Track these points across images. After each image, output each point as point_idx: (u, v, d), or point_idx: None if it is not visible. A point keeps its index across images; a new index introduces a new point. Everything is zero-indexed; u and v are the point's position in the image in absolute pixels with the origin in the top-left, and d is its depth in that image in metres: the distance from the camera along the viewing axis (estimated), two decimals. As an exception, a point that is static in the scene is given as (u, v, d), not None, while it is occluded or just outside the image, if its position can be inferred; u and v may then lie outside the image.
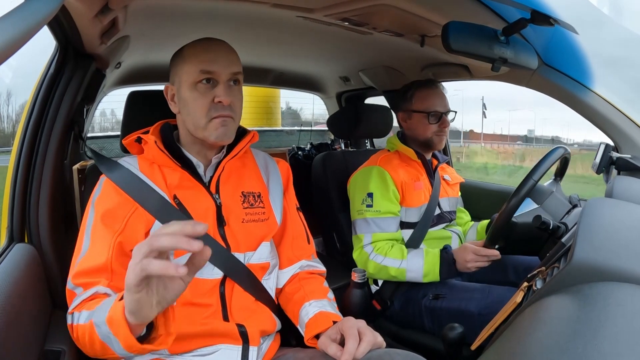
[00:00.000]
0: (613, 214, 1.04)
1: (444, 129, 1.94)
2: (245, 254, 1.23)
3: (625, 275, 0.75)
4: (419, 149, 2.00)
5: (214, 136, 1.18)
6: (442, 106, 1.94)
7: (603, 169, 1.68)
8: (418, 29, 1.75)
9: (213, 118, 1.17)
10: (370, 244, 1.83)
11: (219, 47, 1.21)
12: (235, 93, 1.21)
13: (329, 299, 1.30)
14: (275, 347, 1.28)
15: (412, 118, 1.98)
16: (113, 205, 1.15)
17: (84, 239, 1.13)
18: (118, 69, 2.08)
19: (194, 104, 1.18)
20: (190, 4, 1.52)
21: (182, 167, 1.21)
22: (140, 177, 1.19)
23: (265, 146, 4.62)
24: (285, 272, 1.37)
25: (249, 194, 1.29)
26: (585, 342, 0.58)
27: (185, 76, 1.19)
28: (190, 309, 1.14)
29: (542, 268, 1.07)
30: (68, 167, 1.53)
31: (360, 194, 1.91)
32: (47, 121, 1.35)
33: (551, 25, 1.33)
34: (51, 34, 1.30)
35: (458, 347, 1.37)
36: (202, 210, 1.20)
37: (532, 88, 1.83)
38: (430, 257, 1.74)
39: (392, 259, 1.77)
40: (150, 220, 1.15)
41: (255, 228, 1.27)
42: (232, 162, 1.28)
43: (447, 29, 1.32)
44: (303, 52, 2.47)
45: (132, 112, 1.50)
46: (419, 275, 1.74)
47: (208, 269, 1.16)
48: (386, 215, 1.84)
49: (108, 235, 1.11)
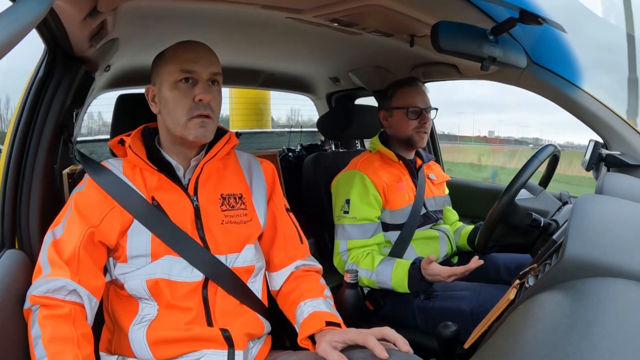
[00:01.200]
0: (603, 210, 1.04)
1: (425, 125, 1.93)
2: (227, 257, 1.23)
3: (616, 271, 0.76)
4: (401, 149, 2.00)
5: (193, 135, 1.20)
6: (422, 102, 1.94)
7: (593, 165, 1.69)
8: (407, 29, 1.75)
9: (193, 117, 1.19)
10: (345, 251, 1.85)
11: (200, 48, 1.24)
12: (215, 93, 1.23)
13: (324, 297, 1.30)
14: (266, 350, 1.27)
15: (393, 116, 1.98)
16: (92, 201, 1.17)
17: (58, 225, 1.15)
18: (107, 72, 2.07)
19: (174, 103, 1.20)
20: (179, 6, 1.51)
21: (160, 170, 1.23)
22: (122, 179, 1.21)
23: (255, 148, 4.61)
24: (281, 274, 1.37)
25: (229, 196, 1.29)
26: (578, 337, 0.58)
27: (167, 76, 1.21)
28: (172, 313, 1.15)
29: (534, 265, 1.08)
30: (58, 171, 1.52)
31: (340, 200, 1.91)
32: (36, 125, 1.34)
33: (540, 24, 1.34)
34: (40, 37, 1.29)
35: (452, 345, 1.38)
36: (179, 212, 1.21)
37: (521, 87, 1.84)
38: (399, 271, 1.72)
39: (364, 269, 1.78)
40: (127, 220, 1.16)
41: (236, 230, 1.26)
42: (212, 163, 1.29)
43: (436, 28, 1.33)
44: (293, 53, 2.46)
45: (121, 115, 1.50)
46: (389, 286, 1.74)
47: (187, 270, 1.17)
48: (362, 222, 1.83)
49: (81, 225, 1.13)
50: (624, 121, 1.68)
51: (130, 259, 1.16)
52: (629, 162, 1.63)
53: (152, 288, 1.14)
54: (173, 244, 1.16)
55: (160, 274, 1.14)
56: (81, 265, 1.10)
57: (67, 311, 1.05)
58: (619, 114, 1.68)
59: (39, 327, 1.01)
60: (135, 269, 1.15)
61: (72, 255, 1.09)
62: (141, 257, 1.15)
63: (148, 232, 1.16)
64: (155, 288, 1.14)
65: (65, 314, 1.04)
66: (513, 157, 12.35)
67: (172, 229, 1.18)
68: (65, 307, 1.05)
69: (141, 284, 1.14)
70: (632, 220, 1.00)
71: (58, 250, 1.10)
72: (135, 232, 1.16)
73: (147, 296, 1.15)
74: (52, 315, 1.03)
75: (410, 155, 2.04)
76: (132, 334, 1.14)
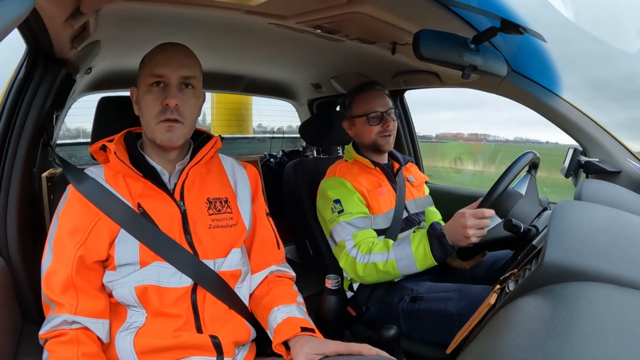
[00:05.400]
0: (582, 216, 1.06)
1: (387, 128, 1.91)
2: (214, 261, 1.22)
3: (595, 275, 0.77)
4: (372, 155, 1.99)
5: (159, 139, 1.20)
6: (381, 106, 1.92)
7: (572, 172, 1.72)
8: (389, 36, 1.77)
9: (160, 121, 1.18)
10: (353, 246, 1.76)
11: (173, 50, 1.23)
12: (187, 97, 1.22)
13: (297, 304, 1.29)
14: (251, 357, 1.27)
15: (355, 124, 1.97)
16: (76, 216, 1.15)
17: (46, 249, 1.13)
18: (89, 75, 2.04)
19: (146, 107, 1.20)
20: (162, 10, 1.50)
21: (145, 176, 1.21)
22: (105, 187, 1.18)
23: (237, 153, 4.58)
24: (255, 278, 1.36)
25: (215, 200, 1.29)
26: (558, 341, 0.59)
27: (142, 79, 1.22)
28: (161, 321, 1.13)
29: (515, 270, 1.09)
30: (37, 174, 1.50)
31: (328, 205, 1.86)
32: (15, 127, 1.32)
33: (520, 33, 1.36)
34: (21, 37, 1.28)
35: (398, 345, 1.42)
36: (166, 218, 1.19)
37: (502, 95, 1.87)
38: (417, 239, 1.63)
39: (378, 254, 1.69)
40: (114, 230, 1.15)
41: (223, 234, 1.26)
42: (196, 168, 1.28)
43: (418, 37, 1.34)
44: (275, 59, 2.47)
45: (103, 118, 1.47)
46: (411, 262, 1.63)
47: (176, 276, 1.15)
48: (359, 216, 1.80)
49: (69, 247, 1.11)
50: (603, 129, 1.71)
51: (118, 267, 1.14)
52: (608, 168, 1.66)
53: (141, 295, 1.13)
54: (161, 251, 1.15)
55: (149, 281, 1.13)
56: (79, 292, 1.09)
57: (70, 337, 1.06)
58: (597, 121, 1.71)
59: (47, 352, 1.05)
60: (124, 276, 1.14)
61: (65, 285, 1.08)
62: (129, 265, 1.14)
63: (135, 240, 1.14)
64: (144, 295, 1.13)
65: (69, 340, 1.05)
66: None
67: (160, 236, 1.16)
68: (69, 333, 1.06)
69: (129, 292, 1.13)
70: (610, 226, 1.02)
71: (52, 285, 1.09)
72: (122, 241, 1.14)
73: (135, 303, 1.13)
74: (58, 341, 1.05)
75: (383, 160, 2.03)
76: (118, 341, 1.12)
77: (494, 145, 14.67)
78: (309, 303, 1.36)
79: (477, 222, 1.50)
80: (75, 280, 1.08)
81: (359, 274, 1.72)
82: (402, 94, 2.80)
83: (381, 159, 2.02)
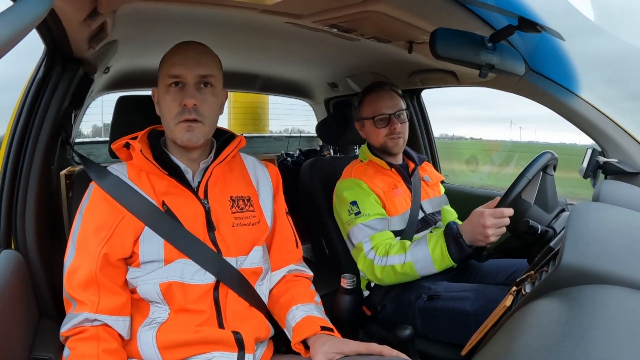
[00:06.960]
0: (600, 217, 1.04)
1: (394, 131, 1.89)
2: (237, 259, 1.22)
3: (611, 278, 0.76)
4: (385, 156, 1.97)
5: (179, 140, 1.20)
6: (389, 107, 1.90)
7: (590, 173, 1.69)
8: (406, 35, 1.76)
9: (180, 122, 1.18)
10: (371, 249, 1.75)
11: (189, 49, 1.23)
12: (206, 96, 1.21)
13: (315, 303, 1.30)
14: (269, 354, 1.27)
15: (365, 126, 1.97)
16: (101, 214, 1.15)
17: (69, 247, 1.14)
18: (107, 74, 2.07)
19: (165, 107, 1.21)
20: (178, 9, 1.51)
21: (170, 174, 1.21)
22: (129, 185, 1.19)
23: (253, 152, 4.60)
24: (273, 276, 1.36)
25: (238, 198, 1.29)
26: (574, 344, 0.58)
27: (161, 79, 1.22)
28: (184, 316, 1.14)
29: (531, 272, 1.08)
30: (55, 172, 1.52)
31: (345, 207, 1.85)
32: (34, 126, 1.34)
33: (538, 32, 1.35)
34: (40, 37, 1.30)
35: (412, 345, 1.42)
36: (190, 216, 1.20)
37: (519, 94, 1.84)
38: (434, 240, 1.63)
39: (395, 256, 1.68)
40: (139, 227, 1.15)
41: (245, 232, 1.26)
42: (220, 166, 1.28)
43: (434, 35, 1.33)
44: (291, 58, 2.47)
45: (122, 117, 1.49)
46: (428, 263, 1.62)
47: (199, 274, 1.16)
48: (376, 217, 1.79)
49: (94, 245, 1.11)
50: (622, 129, 1.68)
51: (143, 264, 1.15)
52: (627, 169, 1.63)
53: (165, 292, 1.13)
54: (185, 248, 1.16)
55: (173, 277, 1.14)
56: (101, 290, 1.10)
57: (90, 333, 1.07)
58: (617, 121, 1.68)
59: (68, 349, 1.06)
60: (148, 272, 1.14)
61: (88, 282, 1.09)
62: (154, 262, 1.15)
63: (160, 238, 1.15)
64: (168, 292, 1.14)
65: (89, 336, 1.06)
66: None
67: (184, 234, 1.17)
68: (89, 330, 1.07)
69: (154, 288, 1.13)
70: (629, 228, 1.01)
71: (74, 282, 1.10)
72: (147, 239, 1.15)
73: (159, 300, 1.14)
74: (79, 338, 1.07)
75: (398, 160, 2.02)
76: (140, 335, 1.13)
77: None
78: (324, 302, 1.35)
79: (496, 221, 1.49)
80: (99, 277, 1.09)
81: (377, 276, 1.71)
82: (419, 93, 2.77)
83: (396, 160, 2.00)
